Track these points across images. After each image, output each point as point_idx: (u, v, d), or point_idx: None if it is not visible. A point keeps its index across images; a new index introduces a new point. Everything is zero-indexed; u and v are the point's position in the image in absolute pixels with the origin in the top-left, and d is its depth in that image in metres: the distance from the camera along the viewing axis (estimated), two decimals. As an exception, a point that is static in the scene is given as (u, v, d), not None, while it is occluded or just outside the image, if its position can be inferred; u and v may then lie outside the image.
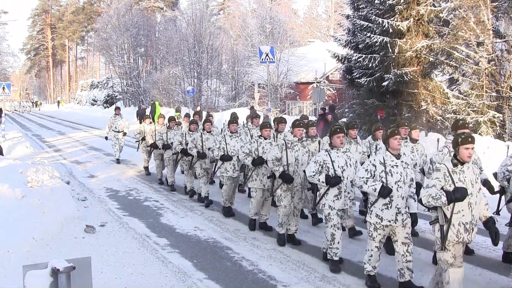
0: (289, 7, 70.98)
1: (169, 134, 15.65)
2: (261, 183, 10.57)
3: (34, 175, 12.49)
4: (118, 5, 65.28)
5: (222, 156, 11.82)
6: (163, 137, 15.65)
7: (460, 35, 20.60)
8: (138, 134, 18.27)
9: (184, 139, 14.14)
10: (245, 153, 10.67)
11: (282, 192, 9.53)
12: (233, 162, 11.89)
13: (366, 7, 23.97)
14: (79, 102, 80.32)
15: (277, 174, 9.44)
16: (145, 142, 17.82)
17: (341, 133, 8.55)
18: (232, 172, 11.92)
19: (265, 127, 10.79)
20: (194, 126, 14.16)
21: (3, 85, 26.92)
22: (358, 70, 23.99)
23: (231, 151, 11.87)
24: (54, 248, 9.29)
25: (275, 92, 40.87)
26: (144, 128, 18.15)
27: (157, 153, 16.70)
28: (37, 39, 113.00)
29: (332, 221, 8.42)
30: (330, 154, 8.48)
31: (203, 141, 13.25)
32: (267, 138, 10.72)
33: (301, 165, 9.50)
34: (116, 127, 20.88)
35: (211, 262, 8.83)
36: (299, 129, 9.58)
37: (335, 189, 8.39)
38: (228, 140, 12.00)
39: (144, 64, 62.91)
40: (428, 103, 21.95)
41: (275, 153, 9.51)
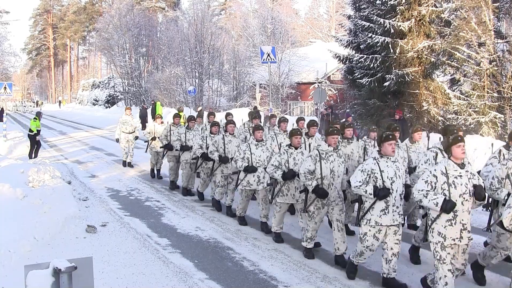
0: (290, 7, 70.91)
1: (188, 135, 14.48)
2: (293, 198, 9.60)
3: (35, 175, 12.51)
4: (119, 5, 65.27)
5: (246, 167, 10.59)
6: (181, 138, 14.50)
7: (462, 35, 20.60)
8: (148, 133, 17.28)
9: (204, 142, 13.01)
10: (274, 165, 9.54)
11: (315, 209, 8.73)
12: (258, 174, 10.65)
13: (367, 8, 24.01)
14: (80, 102, 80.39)
15: (310, 189, 8.51)
16: (154, 143, 16.92)
17: (393, 140, 7.64)
18: (256, 185, 10.68)
19: (296, 134, 9.57)
20: (215, 128, 13.26)
21: (5, 85, 26.97)
22: (359, 71, 24.02)
23: (256, 161, 10.65)
24: (55, 248, 9.30)
25: (277, 92, 40.87)
26: (155, 128, 17.29)
27: (171, 155, 15.40)
28: (39, 39, 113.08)
29: (366, 242, 7.65)
30: (379, 163, 7.58)
31: (225, 144, 12.14)
32: (298, 147, 9.64)
33: (337, 177, 8.67)
34: (126, 128, 19.36)
35: (212, 262, 8.84)
36: (333, 137, 8.66)
37: (382, 203, 7.53)
38: (254, 149, 10.72)
39: (146, 64, 62.98)
40: (429, 104, 21.98)
41: (307, 166, 8.60)
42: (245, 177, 10.74)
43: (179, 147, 14.53)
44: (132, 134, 19.35)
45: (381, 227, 7.57)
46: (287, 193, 9.63)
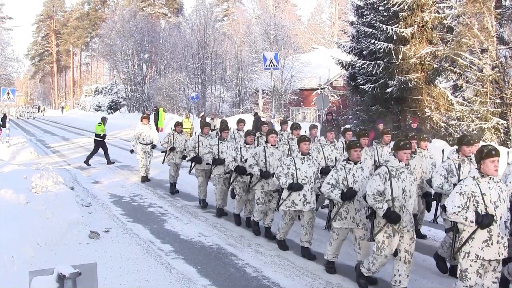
0: (293, 13, 71.04)
1: (222, 147, 12.72)
2: (353, 222, 8.29)
3: (38, 180, 12.52)
4: (122, 11, 65.48)
5: (291, 185, 9.20)
6: (213, 150, 12.72)
7: (464, 41, 20.63)
8: (166, 143, 15.74)
9: (239, 154, 11.37)
10: (330, 184, 8.31)
11: (385, 239, 7.44)
12: (304, 192, 9.22)
13: (370, 14, 24.08)
14: (83, 108, 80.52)
15: (381, 213, 7.29)
16: (173, 154, 15.66)
17: (496, 157, 6.47)
18: (302, 205, 9.24)
19: (355, 146, 8.39)
20: (251, 138, 11.51)
21: (8, 91, 26.96)
22: (362, 77, 24.05)
23: (302, 178, 9.25)
24: (59, 254, 9.30)
25: (279, 98, 40.89)
26: (174, 137, 15.81)
27: (200, 169, 13.81)
28: (42, 45, 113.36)
29: (468, 281, 6.44)
30: (479, 184, 6.41)
31: (267, 157, 10.67)
32: (358, 162, 8.42)
33: (409, 198, 7.40)
34: (143, 139, 17.78)
35: (215, 268, 8.84)
36: (405, 152, 7.44)
37: (484, 232, 6.34)
38: (299, 164, 9.32)
39: (148, 70, 63.08)
40: (432, 110, 22.00)
41: (376, 186, 7.38)
42: (289, 196, 9.33)
43: (210, 161, 12.76)
44: (150, 145, 17.92)
45: (483, 261, 6.42)
46: (346, 215, 8.31)
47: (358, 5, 26.42)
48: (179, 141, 15.79)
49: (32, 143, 31.46)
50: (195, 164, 13.85)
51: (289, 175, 9.29)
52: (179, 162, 15.86)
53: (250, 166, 10.74)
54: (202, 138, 13.86)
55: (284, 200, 9.42)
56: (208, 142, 13.33)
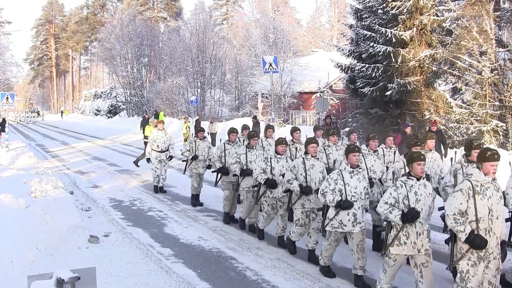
0: (292, 17, 71.18)
1: (250, 156, 11.32)
2: (414, 248, 7.04)
3: (37, 185, 12.52)
4: (121, 15, 65.62)
5: (339, 202, 8.03)
6: (241, 160, 11.36)
7: (463, 44, 20.66)
8: (188, 152, 14.23)
9: (268, 165, 10.17)
10: (389, 204, 7.08)
11: (470, 267, 6.42)
12: (353, 211, 8.08)
13: (369, 17, 24.10)
14: (82, 112, 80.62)
15: (463, 237, 6.32)
16: (195, 163, 14.16)
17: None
18: (352, 226, 8.10)
19: (419, 159, 7.14)
20: (282, 147, 10.22)
21: (7, 95, 26.97)
22: (361, 80, 24.06)
23: (351, 194, 8.08)
24: (58, 258, 9.30)
25: (279, 102, 40.89)
26: (196, 144, 14.27)
27: (227, 181, 12.42)
28: (41, 49, 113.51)
29: None
30: None
31: (307, 170, 9.29)
32: (421, 178, 7.15)
33: (496, 219, 6.42)
34: (158, 146, 16.31)
35: (215, 272, 8.83)
36: (492, 164, 6.43)
37: None
38: (347, 178, 8.14)
39: (148, 74, 63.16)
40: (431, 113, 22.00)
41: (457, 205, 6.38)
42: (336, 215, 8.16)
43: (238, 171, 11.37)
44: (165, 153, 16.44)
45: None
46: (405, 240, 7.06)
47: (357, 8, 26.44)
48: (202, 148, 14.23)
49: (31, 147, 31.47)
50: (222, 176, 12.43)
51: (336, 191, 8.10)
52: (202, 172, 14.33)
53: (289, 181, 9.26)
54: (229, 146, 12.46)
55: (331, 220, 8.23)
56: (235, 150, 12.02)
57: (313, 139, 9.44)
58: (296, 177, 9.27)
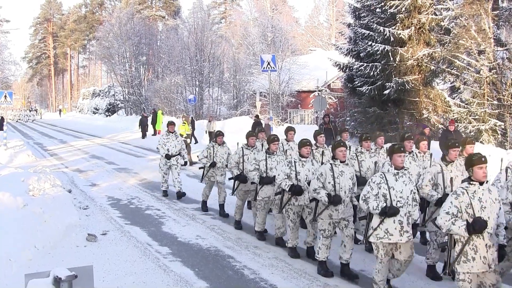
0: (290, 15, 71.20)
1: (271, 163, 10.35)
2: (484, 264, 6.14)
3: (36, 183, 12.51)
4: (120, 13, 65.52)
5: (384, 209, 7.18)
6: (260, 166, 10.38)
7: (461, 43, 20.67)
8: (205, 158, 13.00)
9: (293, 170, 9.25)
10: (451, 214, 6.21)
11: None
12: (399, 218, 7.21)
13: (367, 16, 24.11)
14: (80, 111, 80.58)
15: None
16: (213, 171, 12.98)
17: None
18: (399, 235, 7.22)
19: (479, 162, 6.25)
20: (307, 149, 9.27)
21: (5, 94, 26.96)
22: (359, 79, 24.08)
23: (396, 199, 7.24)
24: (56, 257, 9.29)
25: (277, 100, 40.89)
26: (214, 150, 13.04)
27: (244, 190, 11.62)
28: (39, 48, 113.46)
29: None
30: None
31: (335, 177, 8.38)
32: (484, 182, 6.28)
33: None
34: (168, 150, 15.15)
35: (213, 270, 8.82)
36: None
37: None
38: (392, 181, 7.28)
39: (146, 72, 63.08)
40: (429, 112, 22.02)
41: None
42: (381, 223, 7.26)
43: (257, 179, 10.35)
44: (176, 157, 15.28)
45: None
46: (473, 255, 6.15)
47: (355, 7, 26.45)
48: (221, 154, 13.01)
49: (29, 146, 31.45)
50: (239, 184, 11.50)
51: (380, 196, 7.24)
52: (221, 180, 13.02)
53: (315, 190, 8.35)
54: (248, 151, 11.54)
55: (375, 230, 7.32)
56: (254, 156, 10.97)
57: (341, 142, 8.57)
58: (323, 186, 8.36)
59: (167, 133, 15.52)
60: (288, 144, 12.11)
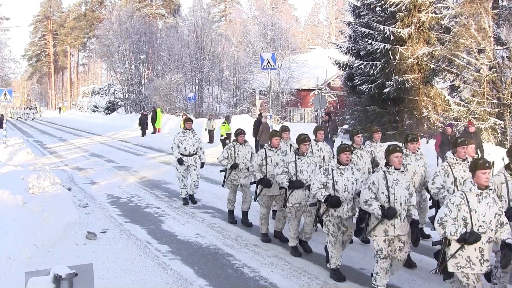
0: (290, 14, 71.14)
1: (301, 165, 9.32)
2: None
3: (35, 181, 12.50)
4: (119, 11, 65.43)
5: (464, 236, 6.18)
6: (289, 169, 9.34)
7: (461, 42, 20.66)
8: (226, 159, 11.88)
9: (330, 179, 8.12)
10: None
11: None
12: (481, 245, 6.25)
13: (367, 14, 24.10)
14: (80, 109, 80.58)
15: None
16: (235, 173, 11.81)
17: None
18: (480, 265, 6.30)
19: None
20: (347, 156, 8.15)
21: (5, 92, 26.94)
22: (359, 77, 24.07)
23: (479, 224, 6.24)
24: (56, 255, 9.29)
25: (277, 99, 40.89)
26: (235, 150, 11.86)
27: (268, 195, 10.44)
28: (39, 45, 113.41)
29: None
30: None
31: (390, 187, 7.34)
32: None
33: None
34: (185, 148, 13.75)
35: (212, 269, 8.82)
36: None
37: None
38: (474, 202, 6.27)
39: (146, 70, 63.03)
40: (429, 110, 22.02)
41: None
42: (461, 250, 6.31)
43: (286, 183, 9.26)
44: (193, 157, 13.91)
45: None
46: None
47: (355, 6, 26.44)
48: (243, 155, 11.84)
49: (29, 144, 31.43)
50: (262, 189, 10.39)
51: (459, 219, 6.25)
52: (245, 183, 11.83)
53: (367, 202, 7.29)
54: (271, 152, 10.43)
55: (453, 257, 6.36)
56: (280, 158, 10.07)
57: (397, 147, 7.49)
58: (376, 197, 7.34)
59: (183, 130, 13.98)
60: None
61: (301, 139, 9.25)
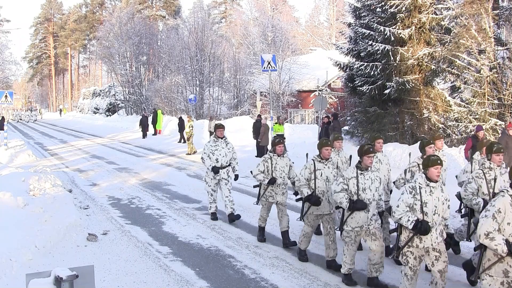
0: (290, 15, 71.18)
1: (363, 181, 7.90)
2: None
3: (36, 183, 12.53)
4: (120, 13, 65.54)
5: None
6: (349, 186, 7.89)
7: (462, 43, 20.63)
8: (261, 174, 10.26)
9: (418, 199, 6.75)
10: None
11: None
12: None
13: (367, 15, 24.06)
14: (81, 111, 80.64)
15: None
16: (271, 189, 10.29)
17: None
18: None
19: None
20: (437, 170, 6.75)
21: (6, 94, 26.99)
22: (360, 78, 24.02)
23: None
24: (56, 257, 9.29)
25: (277, 100, 40.94)
26: (272, 162, 10.26)
27: (316, 214, 9.00)
28: (40, 48, 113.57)
29: None
30: None
31: None
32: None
33: None
34: (217, 160, 12.15)
35: (213, 270, 8.82)
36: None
37: None
38: None
39: (146, 72, 63.11)
40: (430, 111, 21.97)
41: None
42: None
43: (345, 203, 7.83)
44: (226, 169, 12.33)
45: None
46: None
47: (355, 7, 26.40)
48: (281, 167, 10.28)
49: (30, 145, 31.48)
50: (310, 207, 9.00)
51: None
52: (282, 201, 10.33)
53: (487, 235, 5.78)
54: (321, 165, 8.93)
55: None
56: (331, 171, 9.00)
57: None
58: (499, 228, 5.82)
59: (214, 138, 12.30)
60: None
61: (365, 150, 7.86)
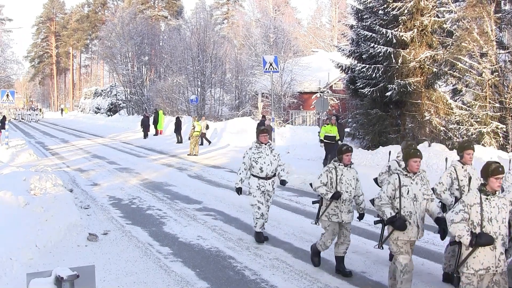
0: (293, 16, 71.22)
1: (489, 209, 6.05)
2: None
3: (37, 182, 12.53)
4: (122, 13, 65.59)
5: None
6: (470, 215, 6.05)
7: (464, 46, 20.64)
8: (323, 187, 8.57)
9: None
10: None
11: None
12: None
13: (370, 18, 24.08)
14: (82, 110, 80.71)
15: None
16: (335, 205, 8.56)
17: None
18: None
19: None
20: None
21: (7, 93, 26.99)
22: (361, 80, 24.03)
23: None
24: (57, 256, 9.29)
25: (279, 101, 40.92)
26: (336, 173, 8.57)
27: (404, 240, 7.23)
28: (41, 47, 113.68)
29: None
30: None
31: None
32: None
33: None
34: (261, 169, 10.40)
35: (213, 271, 8.81)
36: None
37: None
38: None
39: (148, 72, 63.15)
40: (431, 114, 21.97)
41: None
42: None
43: (466, 238, 5.95)
44: (272, 179, 10.57)
45: None
46: None
47: (358, 9, 26.42)
48: (347, 180, 8.61)
49: (31, 145, 31.50)
50: (393, 231, 7.22)
51: None
52: (348, 220, 8.64)
53: None
54: (407, 180, 7.24)
55: None
56: (419, 188, 7.29)
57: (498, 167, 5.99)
58: None
59: (257, 145, 10.58)
60: None
61: (492, 169, 6.01)
